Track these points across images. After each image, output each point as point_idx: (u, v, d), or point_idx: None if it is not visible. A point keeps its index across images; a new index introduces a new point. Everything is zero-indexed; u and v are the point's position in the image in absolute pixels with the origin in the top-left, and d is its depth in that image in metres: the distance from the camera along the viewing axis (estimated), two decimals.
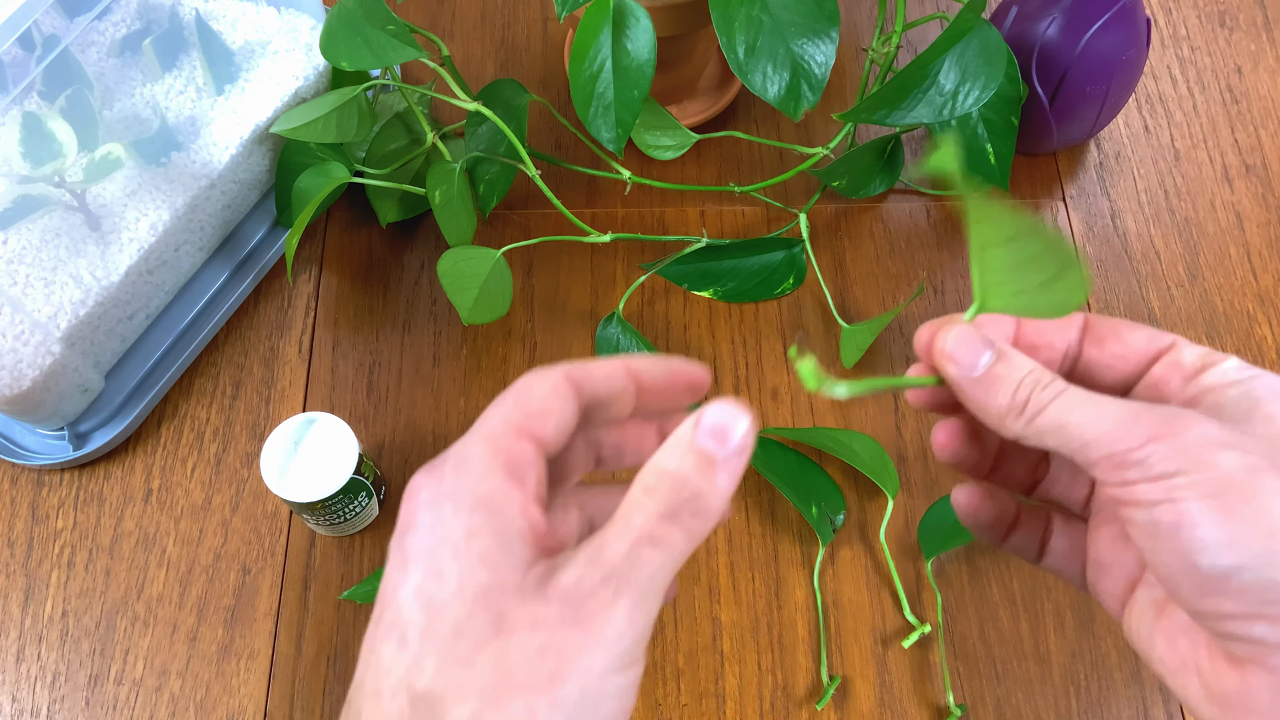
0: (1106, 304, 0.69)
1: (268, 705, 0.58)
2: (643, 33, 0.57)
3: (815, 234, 0.71)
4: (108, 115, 0.64)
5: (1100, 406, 0.30)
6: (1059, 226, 0.72)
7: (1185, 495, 0.28)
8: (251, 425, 0.65)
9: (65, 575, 0.61)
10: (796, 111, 0.56)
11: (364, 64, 0.59)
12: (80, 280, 0.61)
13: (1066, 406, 0.30)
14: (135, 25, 0.67)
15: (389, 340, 0.68)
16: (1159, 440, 0.28)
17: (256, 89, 0.67)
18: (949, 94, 0.57)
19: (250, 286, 0.69)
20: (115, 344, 0.64)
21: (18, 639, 0.60)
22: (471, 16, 0.80)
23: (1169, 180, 0.74)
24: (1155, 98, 0.77)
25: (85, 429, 0.64)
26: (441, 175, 0.63)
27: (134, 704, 0.58)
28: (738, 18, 0.55)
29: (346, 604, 0.60)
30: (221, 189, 0.66)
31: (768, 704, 0.58)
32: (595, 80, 0.58)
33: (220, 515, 0.63)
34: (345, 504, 0.58)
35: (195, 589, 0.61)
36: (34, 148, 0.58)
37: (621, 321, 0.66)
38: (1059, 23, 0.65)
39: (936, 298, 0.69)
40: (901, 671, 0.58)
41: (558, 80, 0.77)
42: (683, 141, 0.65)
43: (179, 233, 0.64)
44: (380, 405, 0.66)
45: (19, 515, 0.63)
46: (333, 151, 0.66)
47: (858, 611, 0.60)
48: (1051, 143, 0.71)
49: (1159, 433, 0.28)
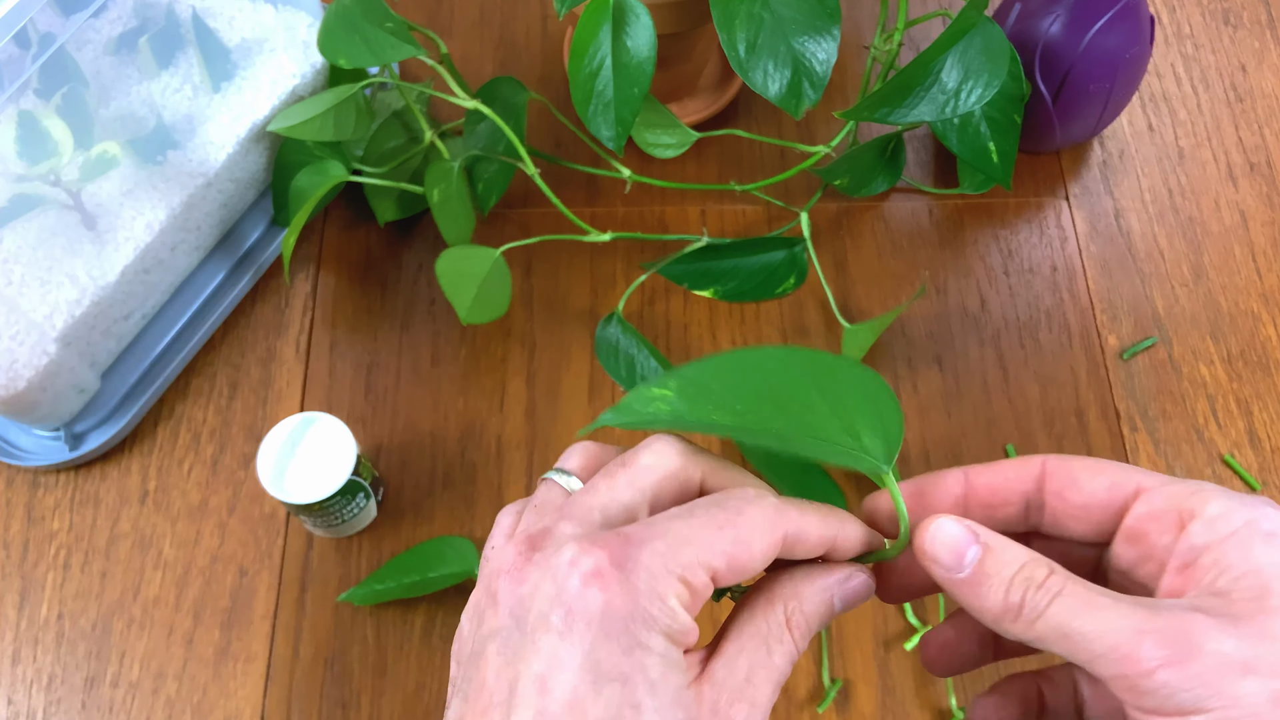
0: (1110, 304, 0.68)
1: (264, 708, 0.57)
2: (643, 30, 0.56)
3: (817, 233, 0.70)
4: (104, 113, 0.64)
5: (1104, 614, 0.27)
6: (1063, 225, 0.71)
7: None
8: (248, 426, 0.65)
9: (61, 577, 0.61)
10: (798, 109, 0.56)
11: (362, 62, 0.58)
12: (76, 280, 0.60)
13: (1068, 612, 0.28)
14: (131, 23, 0.66)
15: (387, 340, 0.67)
16: (1173, 666, 0.26)
17: (253, 87, 0.66)
18: (951, 92, 0.56)
19: (247, 286, 0.68)
20: (111, 344, 0.64)
21: (13, 641, 0.59)
22: (470, 14, 0.79)
23: (1173, 179, 0.73)
24: (1159, 96, 0.76)
25: (81, 430, 0.63)
26: (440, 174, 0.63)
27: (130, 707, 0.58)
28: (738, 15, 0.55)
29: (344, 606, 0.60)
30: (218, 188, 0.66)
31: None
32: (595, 78, 0.58)
33: (217, 517, 0.62)
34: (343, 505, 0.57)
35: (192, 591, 0.60)
36: (29, 146, 0.57)
37: (621, 321, 0.66)
38: (1062, 20, 0.65)
39: (939, 297, 0.68)
40: (904, 674, 0.58)
41: (557, 78, 0.77)
42: (683, 140, 0.65)
43: (175, 232, 0.64)
44: (378, 406, 0.65)
45: (14, 517, 0.62)
46: (330, 150, 0.66)
47: (859, 614, 0.59)
48: (1055, 141, 0.71)
49: (1172, 656, 0.26)
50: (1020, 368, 0.66)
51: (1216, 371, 0.66)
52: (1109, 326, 0.68)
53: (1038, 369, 0.66)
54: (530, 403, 0.65)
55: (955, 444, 0.64)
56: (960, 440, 0.64)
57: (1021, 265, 0.70)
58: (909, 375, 0.66)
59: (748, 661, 0.29)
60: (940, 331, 0.67)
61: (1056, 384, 0.66)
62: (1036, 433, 0.64)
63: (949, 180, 0.73)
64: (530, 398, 0.65)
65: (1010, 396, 0.65)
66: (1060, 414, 0.65)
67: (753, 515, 0.29)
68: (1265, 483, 0.63)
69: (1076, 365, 0.66)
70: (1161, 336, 0.67)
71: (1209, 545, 0.28)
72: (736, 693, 0.28)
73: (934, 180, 0.73)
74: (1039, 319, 0.68)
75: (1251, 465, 0.64)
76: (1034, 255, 0.70)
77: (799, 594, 0.30)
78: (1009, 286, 0.69)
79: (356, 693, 0.58)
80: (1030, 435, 0.64)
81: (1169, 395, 0.66)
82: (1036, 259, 0.70)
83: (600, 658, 0.27)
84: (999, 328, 0.68)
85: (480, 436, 0.64)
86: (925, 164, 0.74)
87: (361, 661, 0.58)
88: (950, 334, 0.67)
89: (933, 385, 0.66)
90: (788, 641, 0.30)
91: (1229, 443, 0.64)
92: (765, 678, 0.29)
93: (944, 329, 0.68)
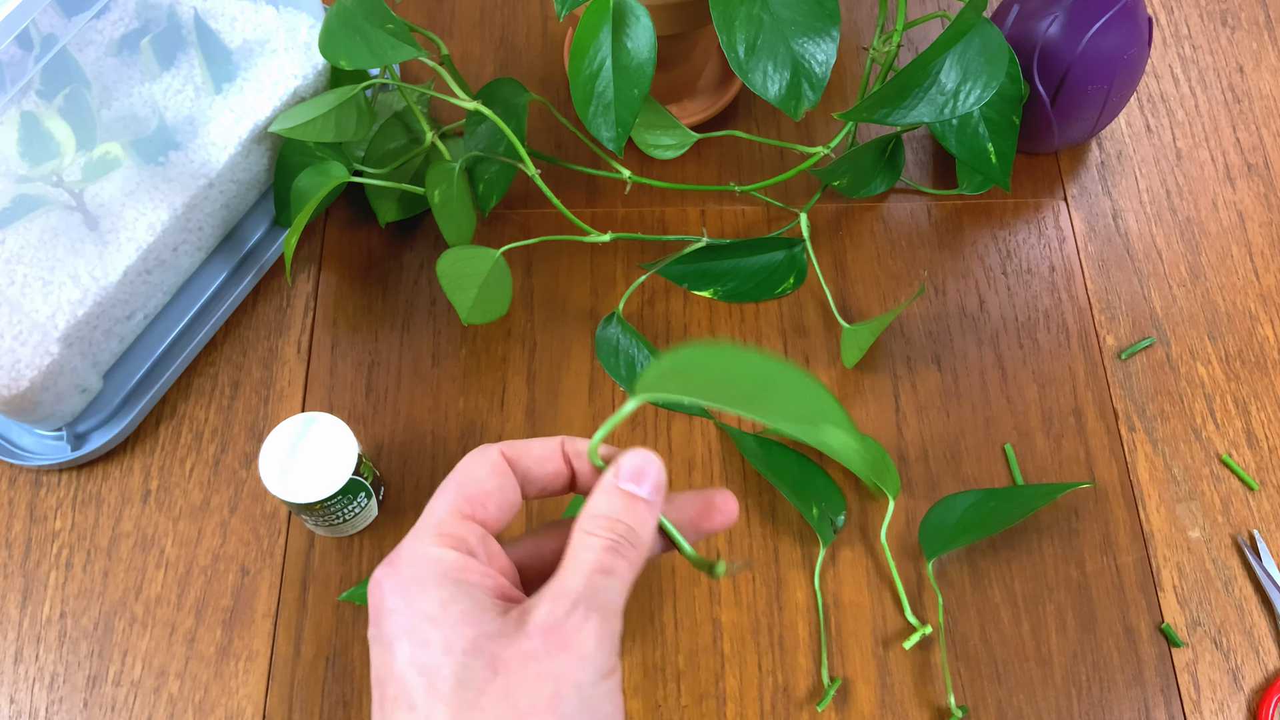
0: (1109, 304, 0.69)
1: (266, 706, 0.58)
2: (643, 31, 0.56)
3: (816, 233, 0.71)
4: (106, 114, 0.64)
5: None
6: (1061, 226, 0.71)
7: None
8: (250, 425, 0.65)
9: (63, 576, 0.61)
10: (797, 111, 0.56)
11: (363, 63, 0.59)
12: (78, 280, 0.60)
13: None
14: (133, 24, 0.66)
15: (388, 340, 0.67)
16: None
17: (255, 88, 0.67)
18: (950, 93, 0.56)
19: (249, 286, 0.68)
20: (113, 344, 0.64)
21: (16, 640, 0.59)
22: (471, 15, 0.80)
23: (1171, 180, 0.73)
24: (1157, 97, 0.77)
25: (83, 429, 0.64)
26: (441, 175, 0.63)
27: (132, 705, 0.58)
28: (738, 16, 0.55)
29: (345, 605, 0.60)
30: (220, 188, 0.66)
31: (768, 705, 0.57)
32: (595, 79, 0.58)
33: (219, 516, 0.62)
34: (344, 505, 0.58)
35: (194, 590, 0.60)
36: (32, 147, 0.58)
37: (621, 321, 0.66)
38: (1060, 21, 0.65)
39: (937, 297, 0.69)
40: (903, 673, 0.58)
41: (557, 79, 0.77)
42: (683, 141, 0.65)
43: (177, 232, 0.64)
44: (379, 405, 0.65)
45: (17, 516, 0.62)
46: (331, 151, 0.66)
47: (858, 612, 0.60)
48: (1053, 142, 0.71)
49: None
50: (1018, 367, 0.67)
51: (1214, 371, 0.67)
52: (1107, 326, 0.68)
53: (1036, 369, 0.66)
54: (530, 402, 0.65)
55: (954, 443, 0.64)
56: (958, 440, 0.64)
57: (1020, 266, 0.70)
58: (908, 375, 0.66)
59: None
60: (939, 331, 0.68)
61: (1055, 384, 0.66)
62: (1034, 432, 0.64)
63: (948, 181, 0.73)
64: (530, 397, 0.66)
65: (1009, 396, 0.66)
66: (1058, 414, 0.65)
67: (468, 459, 0.35)
68: (1263, 482, 0.63)
69: (1075, 365, 0.67)
70: (1159, 336, 0.68)
71: None
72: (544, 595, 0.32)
73: (933, 181, 0.73)
74: (1037, 319, 0.68)
75: (1249, 465, 0.64)
76: (1032, 255, 0.70)
77: None
78: (1007, 287, 0.69)
79: (358, 691, 0.58)
80: (1028, 435, 0.64)
81: (1167, 395, 0.66)
82: (1035, 259, 0.70)
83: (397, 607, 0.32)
84: (997, 328, 0.68)
85: (481, 436, 0.65)
86: (924, 165, 0.74)
87: (363, 660, 0.59)
88: (949, 334, 0.68)
89: (931, 385, 0.66)
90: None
91: (1226, 442, 0.64)
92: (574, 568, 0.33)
93: (943, 329, 0.68)
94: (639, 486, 0.33)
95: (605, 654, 0.31)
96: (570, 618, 0.30)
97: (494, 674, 0.30)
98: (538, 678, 0.30)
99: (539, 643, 0.30)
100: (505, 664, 0.30)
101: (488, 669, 0.30)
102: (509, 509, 0.35)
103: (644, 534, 0.33)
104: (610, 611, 0.31)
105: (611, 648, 0.31)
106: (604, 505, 0.33)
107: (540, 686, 0.29)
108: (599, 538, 0.32)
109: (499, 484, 0.35)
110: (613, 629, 0.31)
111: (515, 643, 0.30)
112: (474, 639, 0.30)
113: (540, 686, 0.29)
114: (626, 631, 0.59)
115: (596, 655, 0.30)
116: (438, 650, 0.30)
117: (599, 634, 0.30)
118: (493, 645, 0.30)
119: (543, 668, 0.30)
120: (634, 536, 0.33)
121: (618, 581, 0.32)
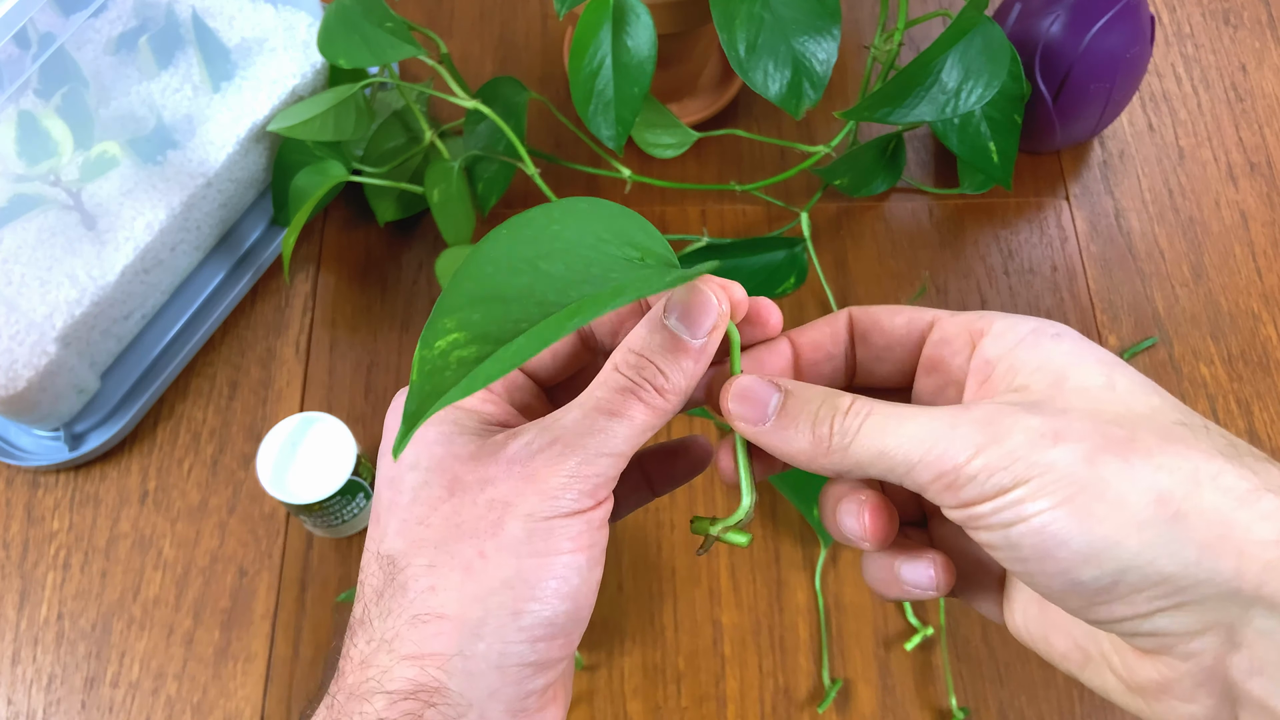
0: (1110, 303, 0.68)
1: (264, 708, 0.57)
2: (643, 29, 0.56)
3: (817, 233, 0.70)
4: (103, 113, 0.64)
5: (914, 422, 0.27)
6: (1063, 225, 0.71)
7: (1037, 509, 0.26)
8: (248, 426, 0.65)
9: (61, 577, 0.61)
10: (798, 109, 0.56)
11: (362, 62, 0.58)
12: (76, 280, 0.60)
13: (879, 430, 0.28)
14: (131, 23, 0.66)
15: (387, 340, 0.67)
16: (985, 449, 0.26)
17: (253, 87, 0.66)
18: (952, 92, 0.56)
19: (247, 286, 0.68)
20: (111, 344, 0.64)
21: (13, 641, 0.59)
22: (470, 13, 0.79)
23: (1173, 179, 0.73)
24: (1159, 96, 0.76)
25: (81, 430, 0.63)
26: (440, 174, 0.63)
27: (130, 707, 0.58)
28: (739, 15, 0.55)
29: (345, 606, 0.60)
30: (218, 188, 0.65)
31: (769, 707, 0.57)
32: (595, 77, 0.58)
33: (217, 517, 0.62)
34: (343, 505, 0.57)
35: (192, 591, 0.60)
36: (29, 146, 0.57)
37: None
38: (1062, 20, 0.65)
39: (939, 297, 0.68)
40: (904, 674, 0.58)
41: (557, 78, 0.77)
42: (683, 140, 0.65)
43: (175, 232, 0.64)
44: (378, 405, 0.65)
45: (14, 517, 0.62)
46: (330, 150, 0.66)
47: (859, 613, 0.59)
48: (1055, 141, 0.71)
49: (984, 442, 0.26)
50: None
51: (1217, 371, 0.66)
52: (1109, 326, 0.68)
53: None
54: None
55: None
56: None
57: (1022, 265, 0.70)
58: None
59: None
60: None
61: None
62: None
63: (949, 180, 0.73)
64: None
65: None
66: None
67: None
68: None
69: None
70: (1162, 336, 0.67)
71: (1001, 355, 0.29)
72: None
73: (934, 180, 0.73)
74: None
75: None
76: (1034, 255, 0.70)
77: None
78: (1009, 286, 0.69)
79: None
80: None
81: None
82: (1037, 259, 0.70)
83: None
84: None
85: None
86: (925, 164, 0.73)
87: None
88: None
89: None
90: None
91: None
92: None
93: None
94: (687, 330, 0.29)
95: (575, 494, 0.28)
96: (544, 452, 0.28)
97: (449, 494, 0.29)
98: (489, 502, 0.28)
99: (502, 469, 0.28)
100: (463, 485, 0.29)
101: (444, 488, 0.29)
102: (559, 356, 0.32)
103: (679, 381, 0.29)
104: (598, 454, 0.28)
105: (585, 490, 0.28)
106: (640, 340, 0.29)
107: (489, 510, 0.28)
108: (620, 375, 0.29)
109: None
110: (595, 471, 0.28)
111: (480, 467, 0.29)
112: (441, 458, 0.29)
113: (489, 510, 0.28)
114: (627, 633, 0.59)
115: (561, 493, 0.28)
116: (405, 466, 0.30)
117: (572, 473, 0.28)
118: (457, 466, 0.29)
119: (496, 492, 0.28)
120: (662, 382, 0.29)
121: (626, 426, 0.29)
